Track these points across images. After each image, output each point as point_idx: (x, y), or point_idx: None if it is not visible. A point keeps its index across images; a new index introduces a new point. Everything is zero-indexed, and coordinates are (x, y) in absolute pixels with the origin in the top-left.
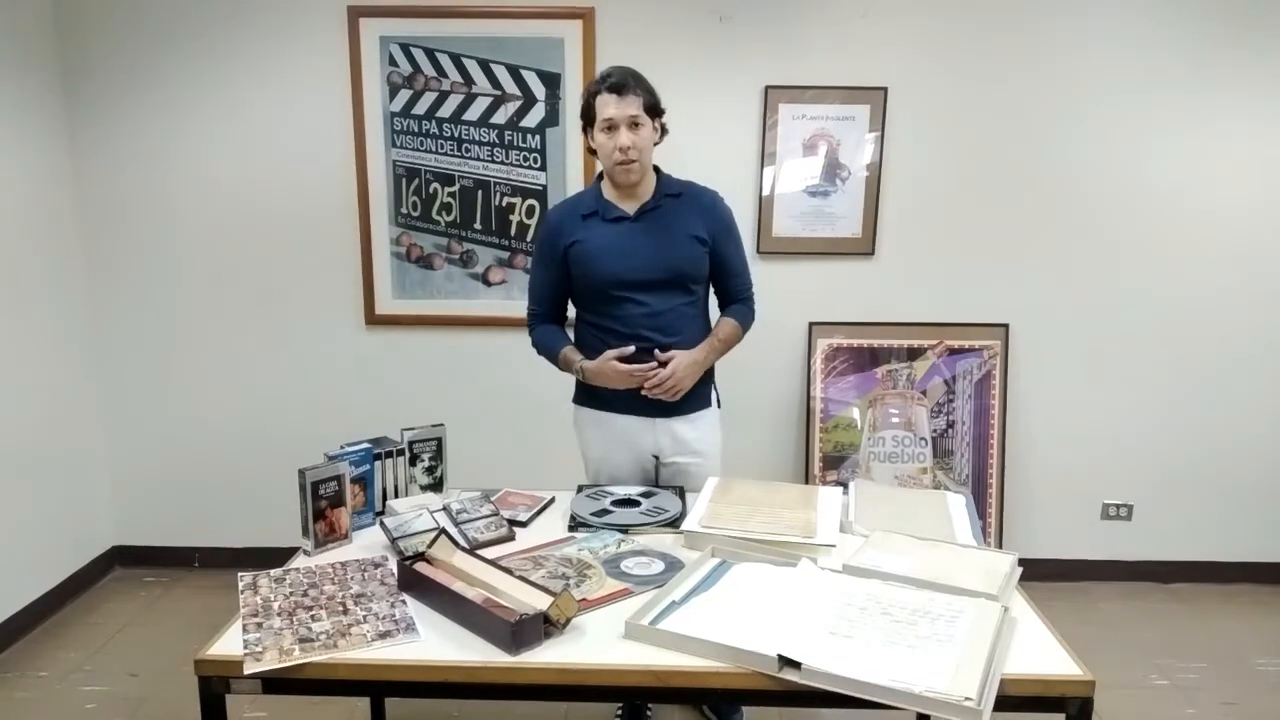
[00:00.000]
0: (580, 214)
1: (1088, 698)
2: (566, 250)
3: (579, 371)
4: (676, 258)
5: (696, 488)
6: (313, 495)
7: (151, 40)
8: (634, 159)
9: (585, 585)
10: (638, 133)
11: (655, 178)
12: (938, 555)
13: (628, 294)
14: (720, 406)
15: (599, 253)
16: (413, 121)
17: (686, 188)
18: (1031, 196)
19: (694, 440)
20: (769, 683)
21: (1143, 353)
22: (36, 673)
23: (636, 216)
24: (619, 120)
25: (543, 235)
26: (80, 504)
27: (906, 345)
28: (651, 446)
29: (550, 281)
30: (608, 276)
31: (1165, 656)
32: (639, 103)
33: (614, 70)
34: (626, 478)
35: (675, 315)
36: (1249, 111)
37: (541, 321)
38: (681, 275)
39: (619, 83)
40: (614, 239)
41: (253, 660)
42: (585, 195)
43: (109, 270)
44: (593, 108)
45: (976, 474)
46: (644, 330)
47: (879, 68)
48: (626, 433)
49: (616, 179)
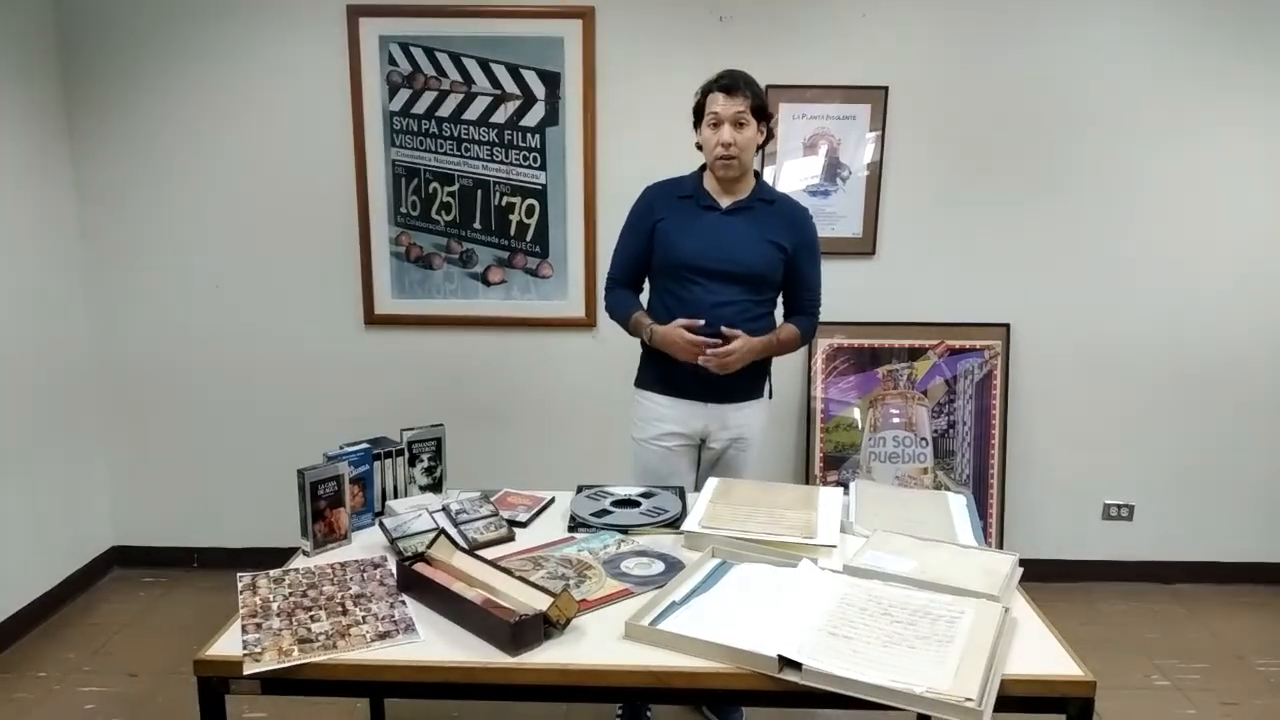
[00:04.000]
0: (677, 195)
1: (1089, 698)
2: (655, 225)
3: (648, 333)
4: (755, 258)
5: (735, 472)
6: (312, 496)
7: (151, 40)
8: (734, 155)
9: (585, 586)
10: (741, 131)
11: (754, 181)
12: (938, 556)
13: (700, 280)
14: (771, 398)
15: (683, 235)
16: (412, 121)
17: (782, 198)
18: (1033, 196)
19: (740, 426)
20: (769, 683)
21: (1144, 353)
22: (35, 673)
23: (728, 211)
24: (724, 117)
25: (636, 208)
26: (79, 504)
27: (907, 345)
28: (700, 430)
29: (633, 251)
30: (684, 259)
31: (1166, 657)
32: (746, 103)
33: (727, 71)
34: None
35: (740, 310)
36: (1250, 113)
37: (618, 286)
38: (754, 274)
39: (729, 83)
40: (700, 226)
41: (252, 661)
42: (686, 179)
43: (107, 268)
44: (703, 104)
45: (977, 474)
46: (708, 316)
47: (880, 67)
48: (681, 415)
49: (716, 173)
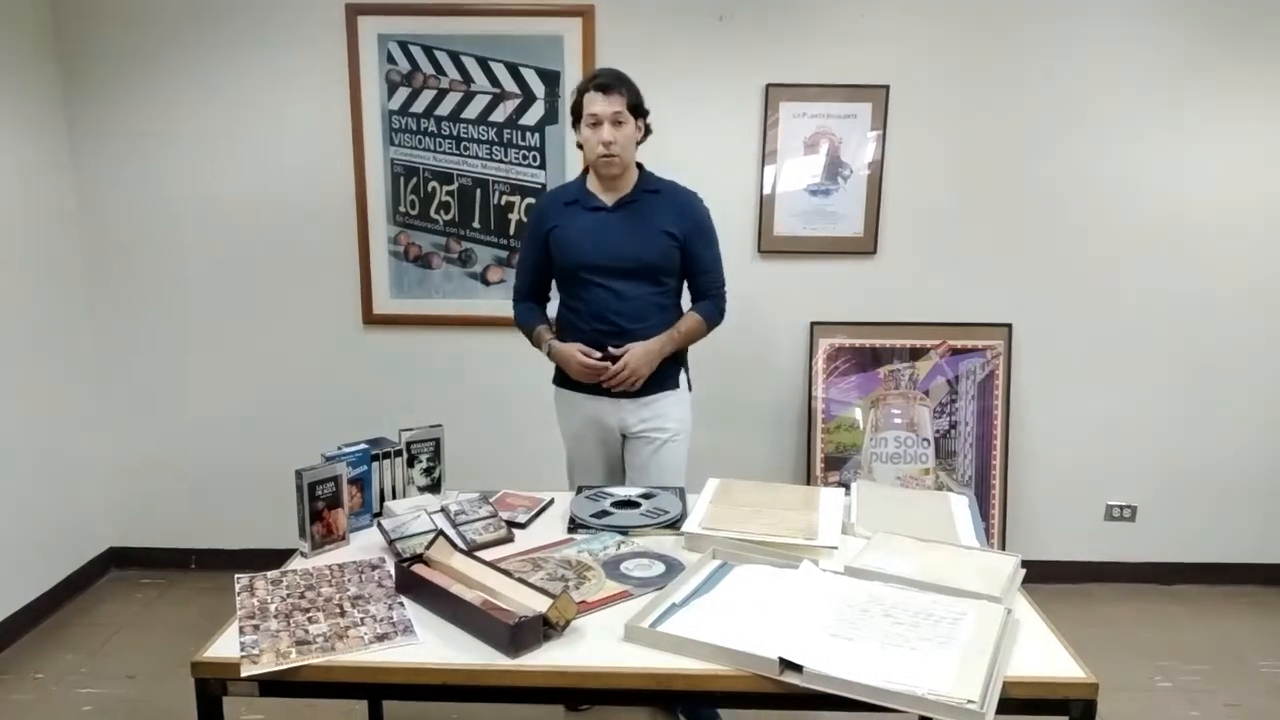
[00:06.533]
0: (563, 201)
1: (1091, 700)
2: (548, 234)
3: (546, 349)
4: (645, 249)
5: (660, 459)
6: (310, 496)
7: (149, 39)
8: (615, 154)
9: (585, 587)
10: (620, 129)
11: (637, 174)
12: (940, 557)
13: (597, 279)
14: (691, 389)
15: (573, 238)
16: (411, 120)
17: (667, 186)
18: (1035, 195)
19: (655, 417)
20: (770, 685)
21: (1147, 353)
22: (33, 675)
23: (614, 208)
24: (603, 116)
25: (531, 218)
26: (77, 505)
27: (909, 345)
28: (617, 425)
29: (533, 261)
30: (578, 261)
31: (1169, 658)
32: (623, 101)
33: (602, 71)
34: (595, 455)
35: (642, 303)
36: (1250, 113)
37: (523, 299)
38: (648, 266)
39: (605, 82)
40: (589, 227)
41: (250, 662)
42: (571, 185)
43: (107, 269)
44: (581, 104)
45: (979, 475)
46: (611, 315)
47: (880, 66)
48: (595, 412)
49: (599, 171)
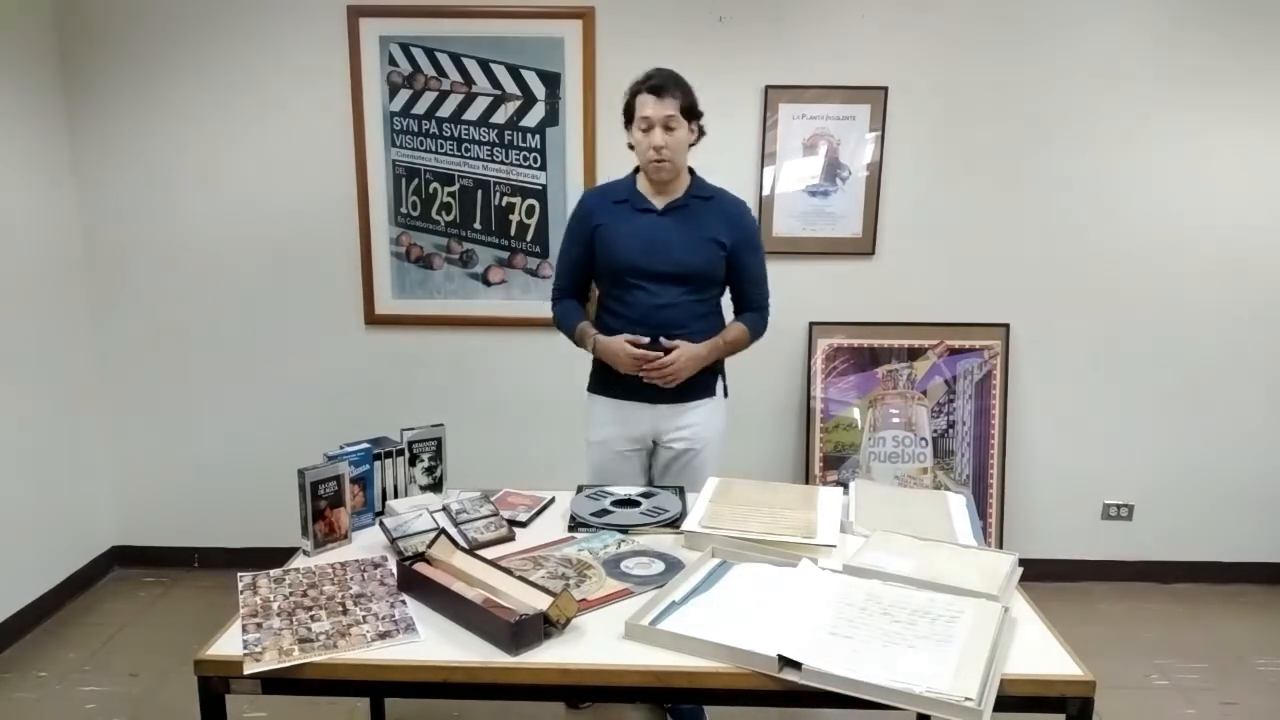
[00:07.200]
0: (612, 200)
1: (1088, 698)
2: (594, 231)
3: (591, 344)
4: (694, 257)
5: (691, 472)
6: (312, 495)
7: (150, 41)
8: (666, 158)
9: (585, 585)
10: (672, 134)
11: (689, 179)
12: (938, 555)
13: (641, 282)
14: (727, 396)
15: (620, 239)
16: (412, 121)
17: (718, 193)
18: (1033, 196)
19: (692, 424)
20: (769, 683)
21: (1144, 353)
22: (36, 673)
23: (663, 211)
24: (655, 120)
25: (575, 215)
26: (80, 504)
27: (907, 345)
28: (651, 431)
29: (576, 260)
30: (624, 263)
31: (1166, 657)
32: (676, 105)
33: (656, 72)
34: (625, 462)
35: (684, 310)
36: (1250, 113)
37: (564, 296)
38: (695, 273)
39: (659, 84)
40: (637, 229)
41: (252, 660)
42: (621, 183)
43: (108, 269)
44: (633, 106)
45: (977, 474)
46: (652, 319)
47: (879, 67)
48: (632, 417)
49: (650, 175)
